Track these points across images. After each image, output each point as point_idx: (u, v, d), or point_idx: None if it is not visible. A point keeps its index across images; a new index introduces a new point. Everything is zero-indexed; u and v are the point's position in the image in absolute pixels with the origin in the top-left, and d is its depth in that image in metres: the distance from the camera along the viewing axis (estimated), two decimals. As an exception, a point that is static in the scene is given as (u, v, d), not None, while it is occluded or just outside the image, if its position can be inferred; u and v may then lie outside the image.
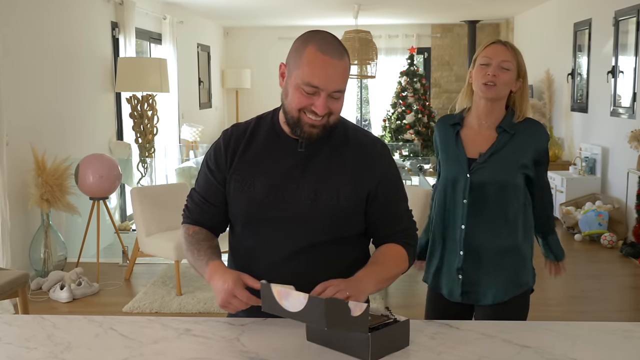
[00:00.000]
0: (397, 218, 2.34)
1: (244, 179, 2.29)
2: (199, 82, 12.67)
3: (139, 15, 9.29)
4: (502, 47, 2.87)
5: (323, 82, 2.14)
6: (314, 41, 2.17)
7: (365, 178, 2.28)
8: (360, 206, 2.29)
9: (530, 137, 2.88)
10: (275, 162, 2.28)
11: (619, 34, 8.22)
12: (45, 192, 6.16)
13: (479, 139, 2.93)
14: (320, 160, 2.27)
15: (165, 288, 6.19)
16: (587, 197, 8.65)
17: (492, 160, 2.85)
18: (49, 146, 6.55)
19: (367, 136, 2.38)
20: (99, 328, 2.16)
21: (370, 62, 10.51)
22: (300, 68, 2.15)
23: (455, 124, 3.00)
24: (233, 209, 2.34)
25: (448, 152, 2.97)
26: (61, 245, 6.57)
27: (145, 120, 8.24)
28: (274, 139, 2.32)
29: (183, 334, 2.11)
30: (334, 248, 2.28)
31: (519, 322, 2.20)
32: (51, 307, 5.77)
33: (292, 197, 2.25)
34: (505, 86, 2.85)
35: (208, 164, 2.38)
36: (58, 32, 7.16)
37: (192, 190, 2.44)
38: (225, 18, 13.45)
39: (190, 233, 2.36)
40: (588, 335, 2.09)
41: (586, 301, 5.95)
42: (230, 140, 2.36)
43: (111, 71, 8.51)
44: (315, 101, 2.15)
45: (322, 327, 1.84)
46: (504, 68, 2.83)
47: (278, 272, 2.24)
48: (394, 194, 2.35)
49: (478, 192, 2.86)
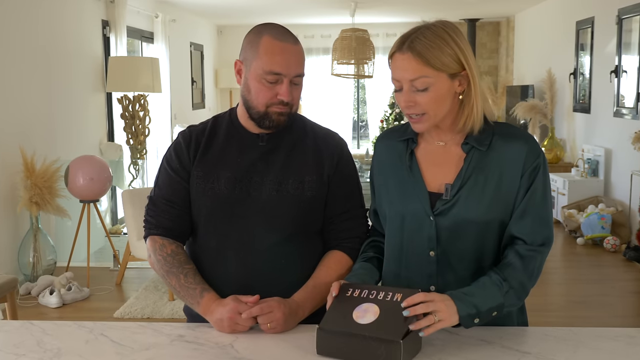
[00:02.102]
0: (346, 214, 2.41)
1: (207, 175, 2.34)
2: (191, 82, 12.66)
3: (131, 14, 9.28)
4: (406, 58, 2.04)
5: (284, 67, 2.22)
6: (267, 31, 2.26)
7: (326, 167, 2.37)
8: (323, 195, 2.37)
9: (514, 149, 2.11)
10: (237, 157, 2.35)
11: (622, 33, 8.24)
12: (34, 195, 6.15)
13: (443, 163, 2.17)
14: (282, 152, 2.35)
15: (157, 293, 6.18)
16: (589, 200, 8.66)
17: (463, 194, 2.11)
18: (38, 147, 6.55)
19: (325, 129, 2.50)
20: (90, 334, 2.16)
21: (368, 61, 10.51)
22: (259, 59, 2.23)
23: (407, 140, 2.24)
24: (197, 207, 2.37)
25: (400, 182, 2.21)
26: (51, 249, 6.56)
27: (136, 121, 8.24)
28: (234, 135, 2.39)
29: (175, 340, 2.11)
30: (303, 242, 2.36)
31: (520, 328, 2.20)
32: (40, 312, 5.76)
33: (257, 190, 2.31)
34: (436, 105, 2.07)
35: (170, 164, 2.40)
36: (47, 30, 7.16)
37: (153, 197, 2.44)
38: (219, 16, 13.45)
39: (168, 252, 2.35)
40: (590, 341, 2.08)
41: (588, 306, 5.96)
42: (191, 139, 2.41)
43: (102, 71, 8.50)
44: (279, 89, 2.24)
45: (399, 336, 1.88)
46: (419, 90, 2.04)
47: (249, 269, 2.31)
48: (346, 188, 2.42)
49: (451, 241, 2.13)
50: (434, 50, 2.03)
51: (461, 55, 2.05)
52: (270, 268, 2.32)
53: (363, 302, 2.00)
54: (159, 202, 2.41)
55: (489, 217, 2.10)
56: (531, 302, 2.98)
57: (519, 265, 2.08)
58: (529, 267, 2.09)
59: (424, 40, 2.04)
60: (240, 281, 2.31)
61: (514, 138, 2.14)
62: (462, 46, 2.06)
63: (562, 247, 8.06)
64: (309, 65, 14.80)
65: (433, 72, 2.03)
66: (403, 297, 1.97)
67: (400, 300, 1.96)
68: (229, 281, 2.33)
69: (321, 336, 1.96)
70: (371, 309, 1.97)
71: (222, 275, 2.34)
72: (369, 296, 2.01)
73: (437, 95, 2.05)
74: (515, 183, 2.10)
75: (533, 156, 2.10)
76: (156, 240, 2.39)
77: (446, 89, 2.06)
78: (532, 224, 2.10)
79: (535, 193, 2.10)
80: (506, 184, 2.10)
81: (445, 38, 2.05)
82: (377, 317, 1.94)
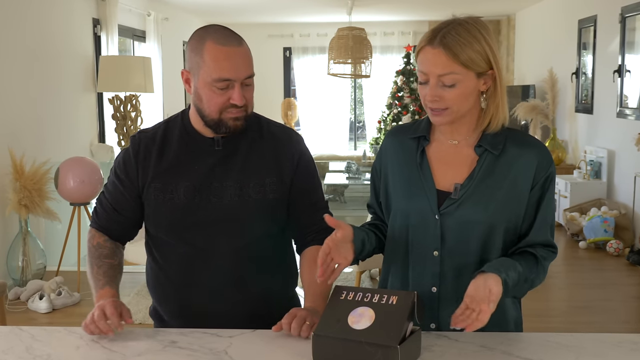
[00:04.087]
0: (314, 208, 2.44)
1: (164, 185, 2.35)
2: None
3: (122, 12, 9.27)
4: (437, 53, 2.07)
5: (233, 72, 2.22)
6: (209, 37, 2.25)
7: (286, 167, 2.39)
8: (285, 196, 2.40)
9: (527, 156, 2.16)
10: (194, 164, 2.36)
11: (625, 32, 8.25)
12: (24, 198, 6.14)
13: (455, 162, 2.21)
14: (239, 155, 2.36)
15: (150, 298, 6.15)
16: (592, 203, 8.67)
17: (472, 195, 2.15)
18: (28, 149, 6.53)
19: (280, 126, 2.50)
20: (80, 340, 2.15)
21: (365, 60, 10.53)
22: (206, 66, 2.23)
23: (419, 137, 2.27)
24: (156, 219, 2.39)
25: (408, 179, 2.24)
26: (40, 253, 6.55)
27: (128, 121, 8.23)
28: (189, 142, 2.39)
29: (168, 346, 2.11)
30: (269, 244, 2.41)
31: (520, 334, 2.20)
32: (30, 317, 5.76)
33: (217, 196, 2.33)
34: (461, 102, 2.10)
35: (117, 172, 2.43)
36: (37, 29, 7.15)
37: (102, 195, 2.48)
38: (213, 14, 13.45)
39: (94, 244, 2.42)
40: (593, 347, 2.09)
41: (591, 312, 5.96)
42: (140, 148, 2.41)
43: (93, 70, 8.50)
44: (232, 94, 2.24)
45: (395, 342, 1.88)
46: (446, 85, 2.07)
47: (219, 278, 2.35)
48: (310, 182, 2.47)
49: (455, 242, 2.16)
50: (466, 48, 2.06)
51: (490, 55, 2.09)
52: (239, 272, 2.36)
53: (358, 305, 2.00)
54: (104, 202, 2.46)
55: (494, 220, 2.14)
56: (532, 307, 2.98)
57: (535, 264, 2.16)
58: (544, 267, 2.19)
59: (456, 37, 2.07)
60: (210, 287, 2.36)
61: (528, 145, 2.19)
62: (491, 45, 2.10)
63: (564, 250, 8.07)
64: (305, 64, 14.82)
65: (462, 70, 2.06)
66: (398, 300, 1.97)
67: (395, 303, 1.97)
68: (199, 288, 2.37)
69: (317, 342, 1.96)
70: (366, 313, 1.97)
71: (191, 283, 2.38)
72: (364, 299, 2.02)
73: (463, 92, 2.09)
74: (525, 190, 2.15)
75: (546, 165, 2.17)
76: (91, 231, 2.47)
77: (472, 86, 2.10)
78: (546, 231, 2.19)
79: (549, 201, 2.18)
80: (516, 190, 2.15)
81: (476, 36, 2.09)
82: (372, 322, 1.94)
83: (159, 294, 2.50)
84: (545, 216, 2.18)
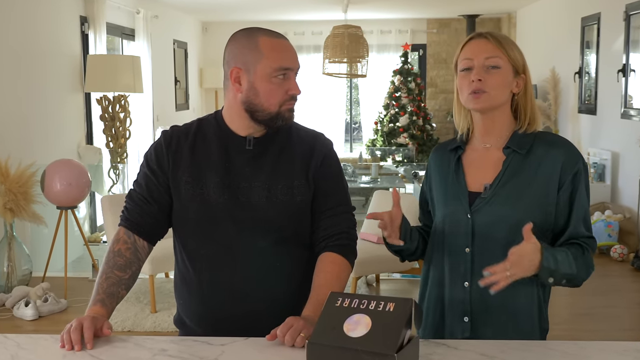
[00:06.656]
0: (332, 212, 2.47)
1: (195, 180, 2.41)
2: (175, 82, 12.66)
3: (110, 9, 9.28)
4: (484, 41, 2.39)
5: (291, 61, 2.39)
6: (259, 32, 2.39)
7: (310, 167, 2.46)
8: (310, 198, 2.46)
9: (553, 155, 2.37)
10: (225, 162, 2.42)
11: (630, 30, 8.27)
12: (9, 201, 6.13)
13: (485, 165, 2.45)
14: (269, 157, 2.44)
15: (138, 305, 6.17)
16: (595, 206, 8.67)
17: (500, 194, 2.36)
18: (13, 151, 6.52)
19: (310, 131, 2.59)
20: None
21: (361, 59, 10.52)
22: (265, 59, 2.34)
23: (455, 148, 2.53)
24: (185, 213, 2.44)
25: (445, 186, 2.51)
26: (26, 259, 6.53)
27: (117, 122, 8.23)
28: (221, 139, 2.45)
29: (158, 354, 2.11)
30: (292, 247, 2.44)
31: (522, 342, 2.20)
32: (15, 325, 5.75)
33: (246, 196, 2.39)
34: (499, 89, 2.37)
35: (149, 164, 2.49)
36: (22, 27, 7.14)
37: (132, 191, 2.53)
38: (204, 12, 13.45)
39: (115, 250, 2.43)
40: (596, 355, 2.09)
41: (594, 319, 5.98)
42: (172, 140, 2.48)
43: (80, 70, 8.49)
44: (287, 85, 2.38)
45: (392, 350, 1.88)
46: (491, 67, 2.36)
47: (239, 275, 2.38)
48: (331, 186, 2.50)
49: (485, 239, 2.37)
50: (510, 44, 2.41)
51: (523, 61, 2.44)
52: (260, 273, 2.39)
53: (354, 313, 2.00)
54: (135, 196, 2.49)
55: (521, 217, 2.30)
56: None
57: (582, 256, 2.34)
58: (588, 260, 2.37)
59: (502, 35, 2.43)
60: (231, 286, 2.39)
61: (555, 145, 2.43)
62: (523, 56, 2.45)
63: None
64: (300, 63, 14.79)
65: (505, 58, 2.38)
66: (396, 306, 1.98)
67: (392, 310, 1.97)
68: (220, 287, 2.40)
69: (312, 350, 1.96)
70: (363, 320, 1.97)
71: (213, 281, 2.41)
72: (360, 306, 2.02)
73: (502, 80, 2.38)
74: (552, 190, 2.36)
75: (572, 163, 2.38)
76: (119, 233, 2.48)
77: (510, 79, 2.40)
78: (585, 224, 2.40)
79: (582, 195, 2.38)
80: (543, 188, 2.36)
81: (515, 43, 2.45)
82: (369, 329, 1.94)
83: (184, 296, 2.52)
84: (580, 210, 2.37)
